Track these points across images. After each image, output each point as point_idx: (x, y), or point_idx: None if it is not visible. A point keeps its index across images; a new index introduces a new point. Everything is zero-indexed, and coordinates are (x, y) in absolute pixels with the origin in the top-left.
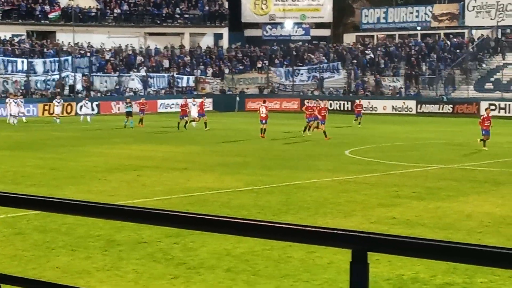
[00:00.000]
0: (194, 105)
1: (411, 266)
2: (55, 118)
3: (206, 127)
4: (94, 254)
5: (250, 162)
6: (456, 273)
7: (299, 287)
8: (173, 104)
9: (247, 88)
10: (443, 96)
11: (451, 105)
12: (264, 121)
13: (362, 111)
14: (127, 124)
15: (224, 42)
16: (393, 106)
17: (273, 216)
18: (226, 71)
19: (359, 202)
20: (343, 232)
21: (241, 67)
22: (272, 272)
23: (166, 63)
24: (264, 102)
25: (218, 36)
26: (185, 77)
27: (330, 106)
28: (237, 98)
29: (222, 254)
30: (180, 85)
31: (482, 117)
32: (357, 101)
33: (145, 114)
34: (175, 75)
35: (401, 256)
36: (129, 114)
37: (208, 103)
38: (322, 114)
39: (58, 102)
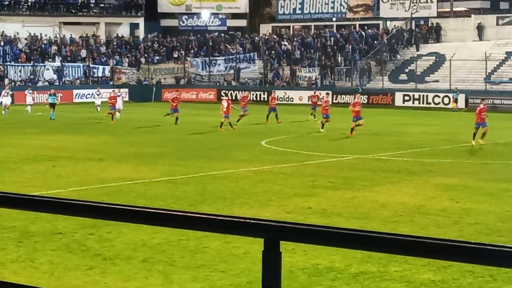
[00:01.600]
0: (119, 96)
1: (326, 255)
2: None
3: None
4: (8, 245)
5: (166, 153)
6: (370, 262)
7: (215, 277)
8: (88, 94)
9: (164, 79)
10: (358, 87)
11: (366, 96)
12: (226, 115)
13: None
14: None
15: (140, 32)
16: (308, 97)
17: (190, 207)
18: (143, 61)
19: (275, 192)
20: (255, 222)
21: (157, 58)
22: (188, 263)
23: (83, 53)
24: (226, 95)
25: (134, 26)
26: (100, 67)
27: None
28: (154, 89)
29: (138, 244)
30: (96, 75)
31: (478, 109)
32: (312, 93)
33: (58, 104)
34: (91, 65)
35: (312, 245)
36: (52, 105)
37: (124, 93)
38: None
39: (7, 93)
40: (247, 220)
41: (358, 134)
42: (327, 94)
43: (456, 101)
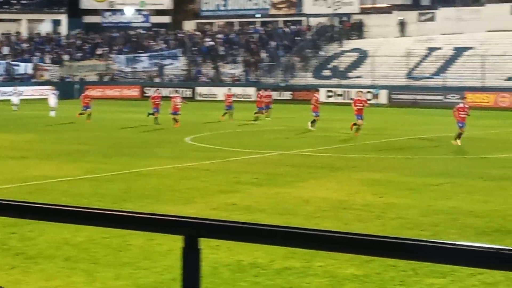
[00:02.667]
0: (53, 94)
1: (250, 251)
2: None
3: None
4: None
5: (89, 150)
6: (294, 258)
7: (138, 275)
8: (11, 91)
9: (87, 76)
10: (281, 83)
11: (291, 92)
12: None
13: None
14: None
15: (63, 29)
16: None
17: (113, 204)
18: (66, 58)
19: (200, 189)
20: (174, 219)
21: (80, 54)
22: (112, 260)
23: (5, 50)
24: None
25: (56, 23)
26: (23, 65)
27: (170, 93)
28: (76, 86)
29: (60, 243)
30: (18, 72)
31: (456, 107)
32: (261, 92)
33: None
34: (12, 62)
35: (232, 241)
36: None
37: (56, 91)
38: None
39: (54, 94)
40: (166, 217)
41: (283, 130)
42: (317, 91)
43: (377, 96)
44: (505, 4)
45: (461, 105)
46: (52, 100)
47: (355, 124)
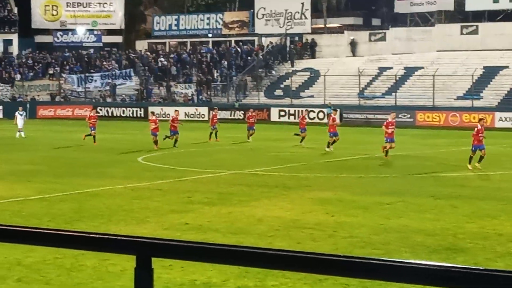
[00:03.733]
0: (21, 115)
1: (203, 271)
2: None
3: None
4: None
5: (41, 170)
6: (247, 277)
7: None
8: None
9: (39, 95)
10: (235, 102)
11: (243, 111)
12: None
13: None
14: None
15: (14, 48)
16: (185, 113)
17: (66, 224)
18: (17, 77)
19: (152, 208)
20: (127, 239)
21: (32, 74)
22: (65, 281)
23: None
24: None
25: (7, 42)
26: None
27: (123, 113)
28: (27, 105)
29: (12, 263)
30: None
31: (476, 129)
32: (249, 113)
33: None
34: None
35: (185, 260)
36: None
37: (22, 112)
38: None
39: (21, 115)
40: (118, 237)
41: (235, 150)
42: (335, 111)
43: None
44: (454, 24)
45: (479, 126)
46: (20, 121)
47: (385, 147)
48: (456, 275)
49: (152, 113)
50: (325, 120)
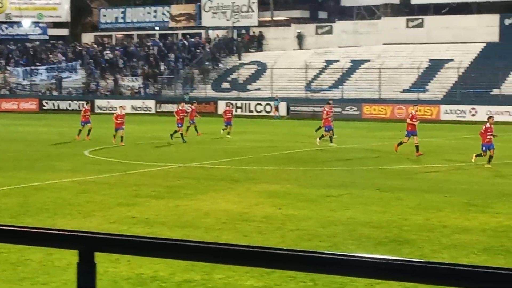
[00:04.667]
0: None
1: (150, 264)
2: None
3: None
4: None
5: None
6: (194, 270)
7: None
8: None
9: None
10: (185, 95)
11: (190, 104)
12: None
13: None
14: None
15: None
16: (132, 106)
17: (11, 219)
18: None
19: (99, 202)
20: (69, 233)
21: None
22: (10, 276)
23: None
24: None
25: None
26: None
27: (70, 106)
28: None
29: None
30: None
31: (484, 127)
32: (227, 107)
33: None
34: None
35: (129, 255)
36: None
37: None
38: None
39: None
40: (61, 232)
41: (182, 144)
42: (329, 104)
43: (277, 108)
44: (400, 17)
45: (487, 125)
46: None
47: (401, 143)
48: (400, 267)
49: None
50: (272, 114)
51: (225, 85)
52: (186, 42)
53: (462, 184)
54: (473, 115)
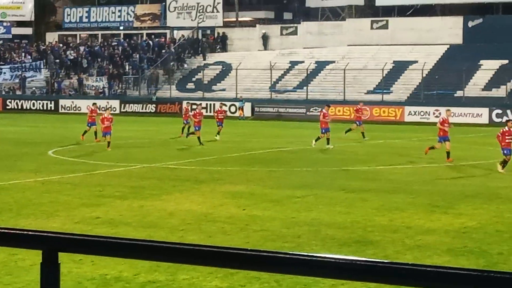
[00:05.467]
0: None
1: (114, 265)
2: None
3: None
4: None
5: None
6: (159, 271)
7: None
8: None
9: None
10: (153, 96)
11: (155, 105)
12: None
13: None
14: None
15: None
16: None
17: None
18: None
19: (63, 202)
20: (32, 233)
21: None
22: None
23: None
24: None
25: None
26: None
27: (33, 105)
28: None
29: None
30: None
31: (502, 131)
32: (359, 105)
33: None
34: None
35: (93, 255)
36: None
37: None
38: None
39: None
40: (24, 232)
41: (147, 143)
42: (328, 106)
43: (242, 109)
44: (365, 19)
45: (506, 128)
46: None
47: (433, 147)
48: (364, 268)
49: (199, 105)
50: (237, 114)
51: (190, 85)
52: (151, 42)
53: (425, 185)
54: (437, 116)
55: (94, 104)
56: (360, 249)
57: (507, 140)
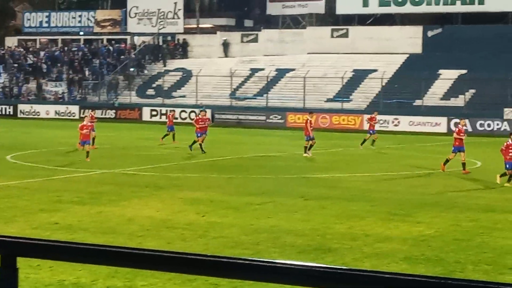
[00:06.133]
0: None
1: (72, 271)
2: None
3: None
4: None
5: None
6: (117, 277)
7: None
8: None
9: None
10: (115, 101)
11: (114, 110)
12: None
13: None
14: None
15: None
16: (56, 111)
17: None
18: None
19: (21, 207)
20: None
21: None
22: None
23: None
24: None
25: None
26: None
27: None
28: None
29: None
30: None
31: (505, 144)
32: (373, 115)
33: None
34: None
35: (51, 260)
36: None
37: None
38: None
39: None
40: None
41: (107, 149)
42: (310, 113)
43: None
44: (325, 27)
45: (509, 141)
46: None
47: (447, 161)
48: (322, 275)
49: (203, 111)
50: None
51: (150, 91)
52: (111, 48)
53: (384, 193)
54: (396, 125)
55: (93, 110)
56: (319, 256)
57: (510, 154)
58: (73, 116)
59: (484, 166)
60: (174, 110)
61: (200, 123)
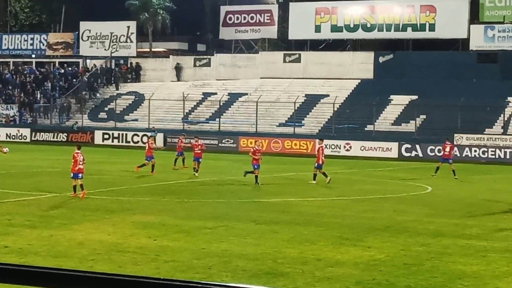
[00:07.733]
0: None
1: None
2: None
3: None
4: None
5: None
6: None
7: None
8: None
9: None
10: (74, 125)
11: (66, 134)
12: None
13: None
14: None
15: None
16: (7, 134)
17: None
18: None
19: None
20: None
21: None
22: None
23: None
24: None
25: None
26: None
27: None
28: None
29: None
30: None
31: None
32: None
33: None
34: None
35: (1, 283)
36: None
37: None
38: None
39: None
40: None
41: (59, 172)
42: (257, 142)
43: (154, 140)
44: (278, 52)
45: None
46: None
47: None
48: None
49: (197, 137)
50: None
51: (102, 115)
52: (63, 71)
53: (335, 218)
54: (348, 150)
55: (151, 137)
56: (271, 281)
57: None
58: (24, 139)
59: (434, 191)
60: (184, 134)
61: (195, 149)
